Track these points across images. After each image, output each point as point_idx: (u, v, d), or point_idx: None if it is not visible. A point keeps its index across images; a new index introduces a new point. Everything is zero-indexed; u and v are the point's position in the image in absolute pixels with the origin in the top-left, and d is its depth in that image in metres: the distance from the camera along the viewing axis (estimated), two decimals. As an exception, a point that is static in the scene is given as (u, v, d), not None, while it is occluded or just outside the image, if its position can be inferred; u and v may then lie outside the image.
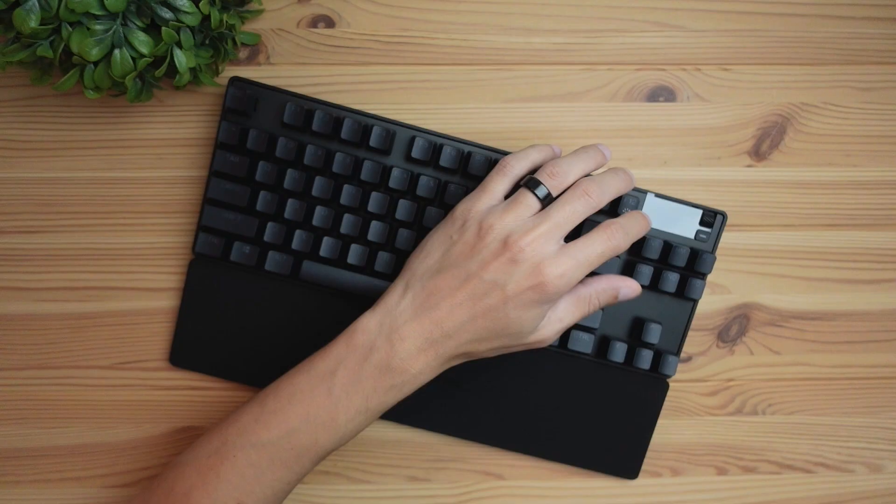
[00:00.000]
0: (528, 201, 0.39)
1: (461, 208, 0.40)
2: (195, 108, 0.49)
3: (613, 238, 0.40)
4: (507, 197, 0.41)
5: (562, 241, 0.39)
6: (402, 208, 0.47)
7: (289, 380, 0.40)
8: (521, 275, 0.38)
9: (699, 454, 0.52)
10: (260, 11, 0.49)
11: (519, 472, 0.51)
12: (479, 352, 0.40)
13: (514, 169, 0.41)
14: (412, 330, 0.38)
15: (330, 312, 0.49)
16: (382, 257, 0.48)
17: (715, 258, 0.48)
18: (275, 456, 0.39)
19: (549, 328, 0.41)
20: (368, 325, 0.39)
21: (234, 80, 0.47)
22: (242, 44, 0.48)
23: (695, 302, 0.49)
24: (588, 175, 0.42)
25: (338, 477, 0.51)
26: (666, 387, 0.50)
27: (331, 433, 0.39)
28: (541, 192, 0.39)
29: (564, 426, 0.50)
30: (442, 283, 0.39)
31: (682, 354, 0.51)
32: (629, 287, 0.43)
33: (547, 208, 0.39)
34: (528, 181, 0.40)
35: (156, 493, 0.40)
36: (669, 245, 0.48)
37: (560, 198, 0.40)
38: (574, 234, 0.45)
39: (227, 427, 0.40)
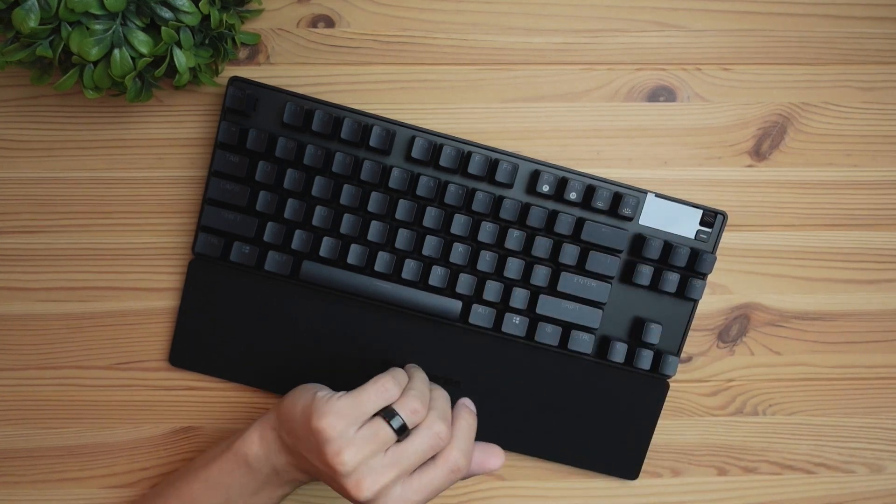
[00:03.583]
0: (386, 435, 0.39)
1: (328, 421, 0.39)
2: (195, 107, 0.49)
3: (456, 472, 0.40)
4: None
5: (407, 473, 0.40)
6: (402, 208, 0.47)
7: None
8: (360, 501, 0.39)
9: (699, 454, 0.52)
10: (260, 11, 0.49)
11: (519, 472, 0.51)
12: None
13: (389, 392, 0.40)
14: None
15: (329, 312, 0.49)
16: (382, 257, 0.48)
17: (715, 258, 0.48)
18: None
19: None
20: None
21: (234, 80, 0.47)
22: (242, 43, 0.48)
23: (695, 302, 0.49)
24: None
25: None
26: (666, 387, 0.50)
27: None
28: (396, 423, 0.39)
29: (565, 426, 0.50)
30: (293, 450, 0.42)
31: (683, 355, 0.51)
32: None
33: (399, 452, 0.39)
34: (386, 412, 0.39)
35: None
36: (670, 245, 0.48)
37: (414, 439, 0.39)
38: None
39: None
